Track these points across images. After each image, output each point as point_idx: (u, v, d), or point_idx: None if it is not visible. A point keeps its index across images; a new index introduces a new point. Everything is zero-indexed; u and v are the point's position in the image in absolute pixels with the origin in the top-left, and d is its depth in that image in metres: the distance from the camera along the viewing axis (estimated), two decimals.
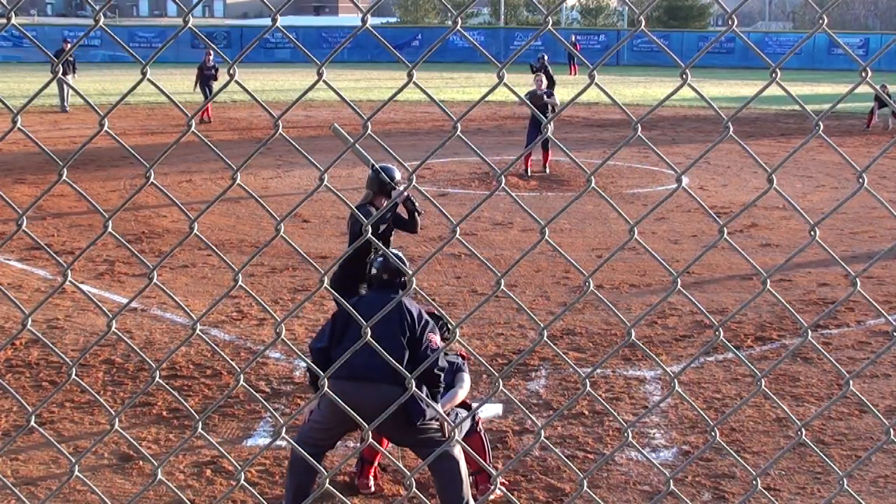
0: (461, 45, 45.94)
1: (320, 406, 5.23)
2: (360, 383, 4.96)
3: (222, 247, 11.46)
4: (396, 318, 5.18)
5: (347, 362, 5.05)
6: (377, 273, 5.53)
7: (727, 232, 2.15)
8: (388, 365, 4.95)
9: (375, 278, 5.54)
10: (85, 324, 8.64)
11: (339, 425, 5.22)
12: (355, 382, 4.94)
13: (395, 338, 5.05)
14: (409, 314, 5.22)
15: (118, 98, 1.94)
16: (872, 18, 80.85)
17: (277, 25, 1.89)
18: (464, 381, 5.62)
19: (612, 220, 13.13)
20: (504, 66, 2.01)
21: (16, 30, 1.93)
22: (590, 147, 20.06)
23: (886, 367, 7.83)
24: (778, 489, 5.85)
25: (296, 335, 8.39)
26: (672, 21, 61.60)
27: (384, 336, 5.00)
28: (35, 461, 6.07)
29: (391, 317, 5.15)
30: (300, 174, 16.58)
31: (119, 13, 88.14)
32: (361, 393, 4.93)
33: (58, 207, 13.31)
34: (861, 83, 2.05)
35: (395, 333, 5.07)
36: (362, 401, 4.79)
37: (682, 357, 8.02)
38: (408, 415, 5.03)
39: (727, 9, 2.08)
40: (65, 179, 1.96)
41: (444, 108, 2.10)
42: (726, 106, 25.97)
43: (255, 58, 45.69)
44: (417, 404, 5.03)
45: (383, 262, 5.53)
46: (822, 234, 2.13)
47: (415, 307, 5.32)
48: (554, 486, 5.85)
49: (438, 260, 10.69)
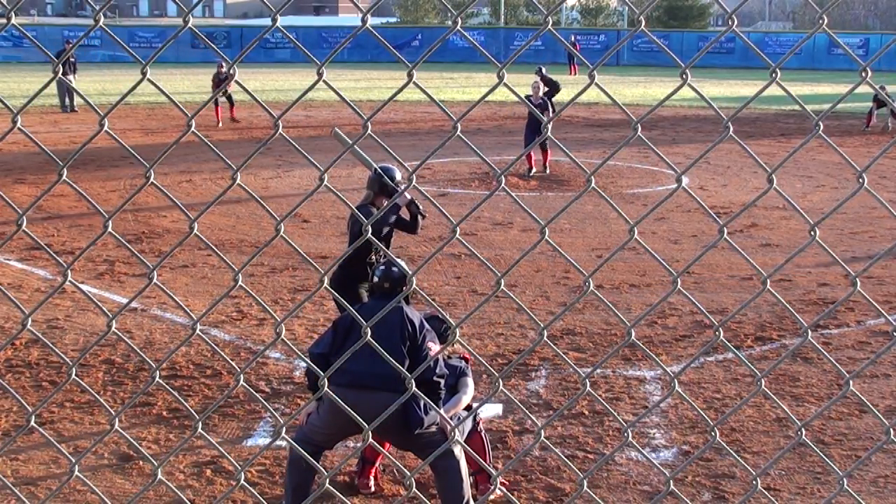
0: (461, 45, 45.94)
1: (319, 411, 5.24)
2: (359, 391, 4.96)
3: (222, 247, 11.46)
4: (397, 327, 5.19)
5: (348, 370, 5.10)
6: (379, 282, 5.52)
7: (727, 232, 2.15)
8: (387, 373, 4.95)
9: (377, 287, 5.53)
10: (85, 324, 8.64)
11: (338, 431, 5.24)
12: (355, 390, 4.93)
13: (395, 346, 5.05)
14: (410, 323, 5.22)
15: (118, 98, 1.94)
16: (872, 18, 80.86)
17: (277, 25, 1.89)
18: (467, 387, 5.60)
19: (612, 220, 13.13)
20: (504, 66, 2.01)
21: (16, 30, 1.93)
22: (590, 147, 20.06)
23: (886, 367, 7.83)
24: (778, 489, 5.85)
25: (296, 335, 8.40)
26: (672, 21, 61.59)
27: (385, 344, 4.99)
28: (35, 461, 6.07)
29: (392, 325, 5.16)
30: (300, 174, 16.58)
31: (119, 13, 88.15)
32: (361, 401, 4.92)
33: (58, 207, 13.31)
34: (861, 83, 2.05)
35: (395, 342, 5.07)
36: (361, 409, 4.79)
37: (682, 357, 8.02)
38: (407, 422, 5.05)
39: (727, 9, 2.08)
40: (65, 179, 1.96)
41: (444, 108, 2.10)
42: (726, 106, 25.97)
43: (255, 58, 45.68)
44: (416, 412, 5.05)
45: (385, 271, 5.53)
46: (822, 234, 2.13)
47: (416, 316, 5.32)
48: (554, 486, 5.85)
49: (438, 260, 10.69)
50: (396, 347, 5.04)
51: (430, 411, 5.12)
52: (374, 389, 4.99)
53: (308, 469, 5.17)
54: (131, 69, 39.61)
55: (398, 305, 5.32)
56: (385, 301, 5.34)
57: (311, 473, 5.24)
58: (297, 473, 5.25)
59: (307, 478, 5.25)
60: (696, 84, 2.00)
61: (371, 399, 4.95)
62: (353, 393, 4.91)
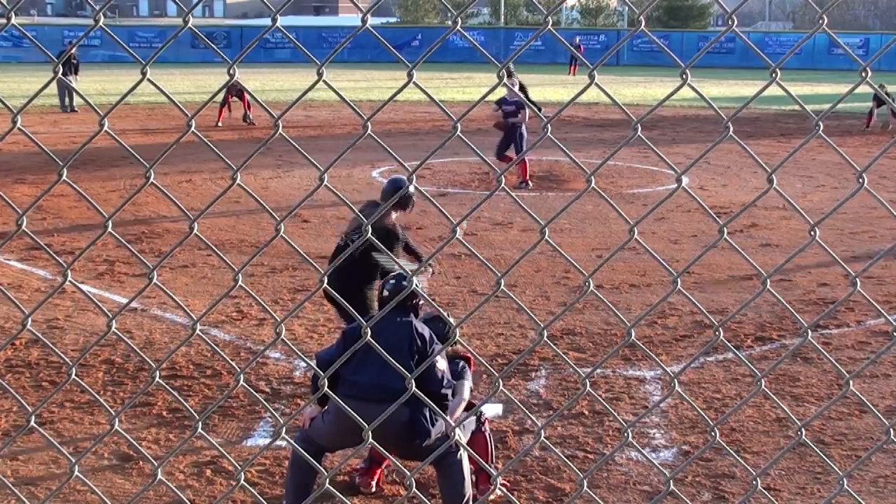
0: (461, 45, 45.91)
1: (325, 419, 5.25)
2: (366, 404, 4.95)
3: (222, 247, 11.46)
4: (406, 341, 5.20)
5: (356, 382, 5.10)
6: (389, 296, 5.52)
7: (727, 232, 2.15)
8: (395, 387, 4.96)
9: (387, 301, 5.53)
10: (85, 324, 8.64)
11: (342, 441, 5.26)
12: (362, 403, 4.92)
13: (404, 360, 5.04)
14: (420, 338, 5.23)
15: (118, 98, 1.94)
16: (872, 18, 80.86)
17: (277, 25, 1.89)
18: (464, 391, 5.56)
19: (612, 220, 13.12)
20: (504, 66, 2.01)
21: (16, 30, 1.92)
22: (590, 147, 20.05)
23: (886, 367, 7.83)
24: (778, 489, 5.85)
25: (296, 335, 8.39)
26: (672, 21, 61.57)
27: (394, 357, 4.99)
28: (35, 461, 6.07)
29: (401, 339, 5.17)
30: (300, 174, 16.58)
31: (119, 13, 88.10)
32: (367, 413, 4.92)
33: (58, 207, 13.31)
34: (861, 83, 2.05)
35: (403, 356, 5.07)
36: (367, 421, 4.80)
37: (682, 357, 8.02)
38: (413, 434, 5.08)
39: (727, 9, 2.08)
40: (65, 179, 1.96)
41: (444, 108, 2.10)
42: (726, 106, 25.96)
43: (255, 58, 45.67)
44: (423, 424, 5.08)
45: (395, 286, 5.54)
46: (822, 234, 2.12)
47: (426, 330, 5.32)
48: (554, 486, 5.85)
49: (438, 260, 10.69)
50: (405, 362, 5.04)
51: (436, 423, 5.14)
52: (380, 402, 4.99)
53: (310, 469, 5.17)
54: (131, 69, 39.60)
55: (407, 319, 5.32)
56: (394, 315, 5.28)
57: (312, 474, 5.24)
58: (299, 473, 5.26)
59: (309, 478, 5.26)
60: (696, 84, 2.00)
61: (377, 412, 4.95)
62: (360, 405, 4.90)
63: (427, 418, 5.11)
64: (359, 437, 2.38)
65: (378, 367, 5.00)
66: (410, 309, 5.41)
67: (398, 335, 5.19)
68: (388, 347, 4.86)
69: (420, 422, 5.08)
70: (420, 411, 5.07)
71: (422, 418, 5.09)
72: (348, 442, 5.19)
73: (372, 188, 15.49)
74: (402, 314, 5.30)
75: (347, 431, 5.01)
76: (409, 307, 5.40)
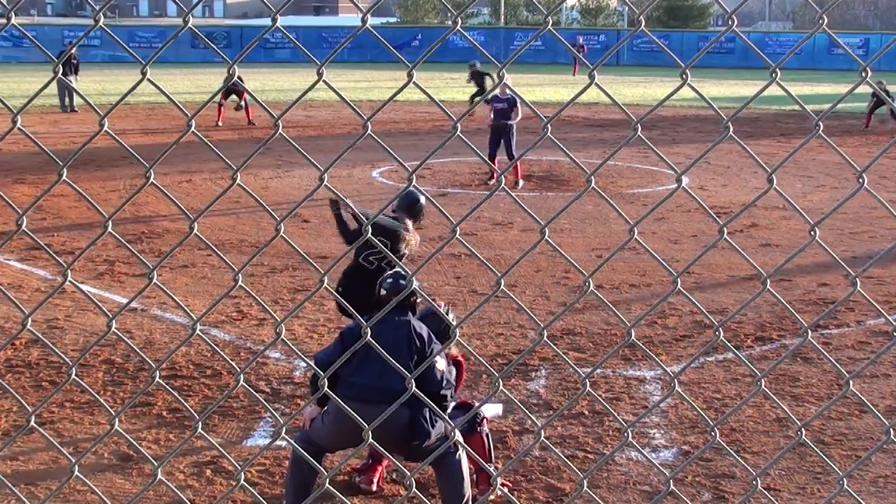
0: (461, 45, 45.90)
1: (324, 420, 5.25)
2: (366, 405, 4.95)
3: (222, 247, 11.46)
4: (405, 341, 5.20)
5: (355, 383, 5.09)
6: (386, 295, 5.52)
7: (727, 232, 2.15)
8: (394, 388, 4.96)
9: (385, 300, 5.52)
10: (85, 324, 8.64)
11: (342, 441, 5.26)
12: (362, 404, 4.92)
13: (402, 360, 5.04)
14: (418, 338, 5.23)
15: (118, 98, 1.94)
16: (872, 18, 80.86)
17: (277, 25, 1.89)
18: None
19: (612, 220, 13.12)
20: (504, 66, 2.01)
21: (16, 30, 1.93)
22: (590, 147, 20.05)
23: (886, 367, 7.83)
24: (778, 489, 5.85)
25: (296, 335, 8.39)
26: (672, 21, 61.57)
27: (392, 357, 4.99)
28: (35, 461, 6.07)
29: (400, 340, 5.17)
30: (300, 174, 16.57)
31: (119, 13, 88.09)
32: (367, 414, 4.92)
33: (58, 207, 13.31)
34: (861, 83, 2.05)
35: (402, 356, 5.07)
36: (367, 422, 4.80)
37: (682, 357, 8.02)
38: (413, 435, 5.09)
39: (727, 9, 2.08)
40: (65, 179, 1.96)
41: (444, 108, 2.10)
42: (726, 106, 25.95)
43: (255, 58, 45.65)
44: (423, 425, 5.09)
45: (393, 284, 5.53)
46: (822, 234, 2.12)
47: (424, 329, 5.32)
48: (554, 486, 5.85)
49: (438, 260, 10.69)
50: (404, 363, 5.03)
51: (436, 424, 5.14)
52: (380, 403, 4.99)
53: (310, 469, 5.18)
54: (131, 69, 39.60)
55: (406, 319, 5.32)
56: (393, 314, 5.26)
57: (312, 474, 5.25)
58: (299, 473, 5.26)
59: (309, 478, 5.26)
60: (696, 84, 2.00)
61: (377, 413, 4.95)
62: (360, 406, 4.90)
63: (427, 419, 5.11)
64: (359, 438, 2.37)
65: (378, 369, 5.01)
66: (408, 307, 5.41)
67: (397, 335, 5.19)
68: (388, 348, 4.86)
69: (420, 423, 5.09)
70: (420, 412, 5.07)
71: (422, 419, 5.09)
72: (348, 442, 5.19)
73: (372, 188, 15.50)
74: (400, 313, 5.30)
75: (347, 432, 5.01)
76: (407, 305, 5.41)
